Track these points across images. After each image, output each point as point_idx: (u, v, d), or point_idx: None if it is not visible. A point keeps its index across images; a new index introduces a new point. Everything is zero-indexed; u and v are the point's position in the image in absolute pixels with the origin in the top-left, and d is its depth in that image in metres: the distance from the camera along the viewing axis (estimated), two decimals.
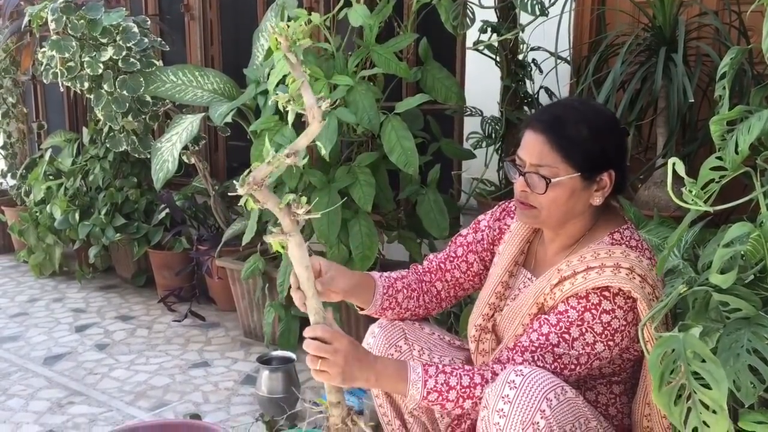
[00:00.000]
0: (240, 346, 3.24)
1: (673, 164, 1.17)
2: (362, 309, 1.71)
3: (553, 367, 1.42)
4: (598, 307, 1.42)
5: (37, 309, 3.80)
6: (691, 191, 1.20)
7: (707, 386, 1.05)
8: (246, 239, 2.85)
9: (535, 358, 1.43)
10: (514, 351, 1.46)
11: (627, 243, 1.49)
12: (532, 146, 1.48)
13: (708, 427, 1.05)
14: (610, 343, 1.43)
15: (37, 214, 4.25)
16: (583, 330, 1.42)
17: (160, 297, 3.80)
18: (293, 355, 2.51)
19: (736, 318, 1.15)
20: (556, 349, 1.43)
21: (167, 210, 3.87)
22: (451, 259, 1.77)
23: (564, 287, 1.46)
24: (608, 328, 1.42)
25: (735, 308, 1.15)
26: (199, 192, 3.90)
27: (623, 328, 1.42)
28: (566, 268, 1.48)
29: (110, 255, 4.22)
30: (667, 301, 1.22)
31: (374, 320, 1.81)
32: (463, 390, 1.42)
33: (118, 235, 3.89)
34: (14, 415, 2.54)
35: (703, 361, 1.06)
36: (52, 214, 4.08)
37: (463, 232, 1.79)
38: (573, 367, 1.44)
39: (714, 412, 1.05)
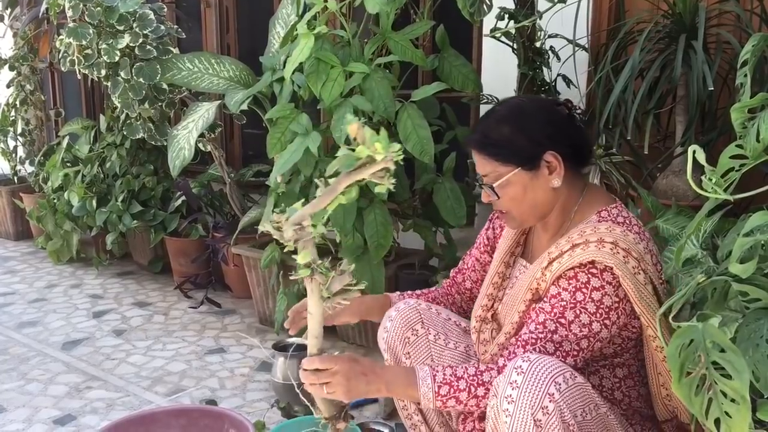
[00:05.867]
0: (255, 332, 3.25)
1: (693, 152, 1.16)
2: None
3: (555, 356, 1.43)
4: (587, 285, 1.43)
5: (55, 295, 3.84)
6: (711, 179, 1.19)
7: (728, 376, 1.04)
8: (262, 227, 2.85)
9: (537, 349, 1.43)
10: (516, 345, 1.47)
11: (614, 219, 1.50)
12: (475, 161, 1.57)
13: (730, 417, 1.04)
14: (606, 321, 1.44)
15: (55, 200, 4.29)
16: (578, 312, 1.43)
17: (176, 284, 3.83)
18: None
19: (756, 308, 1.14)
20: (554, 336, 1.44)
21: (183, 197, 3.89)
22: (462, 271, 1.90)
23: (553, 268, 1.48)
24: (601, 306, 1.43)
25: (754, 298, 1.14)
26: (215, 180, 3.92)
27: (616, 305, 1.43)
28: (555, 249, 1.50)
29: (127, 242, 4.25)
30: (685, 291, 1.21)
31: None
32: (471, 378, 1.44)
33: (134, 222, 3.92)
34: (33, 399, 2.58)
35: (723, 351, 1.05)
36: (69, 201, 4.11)
37: (474, 245, 1.90)
38: (576, 352, 1.44)
39: (736, 402, 1.04)
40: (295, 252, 1.32)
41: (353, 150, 1.19)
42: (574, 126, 1.55)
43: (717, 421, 1.06)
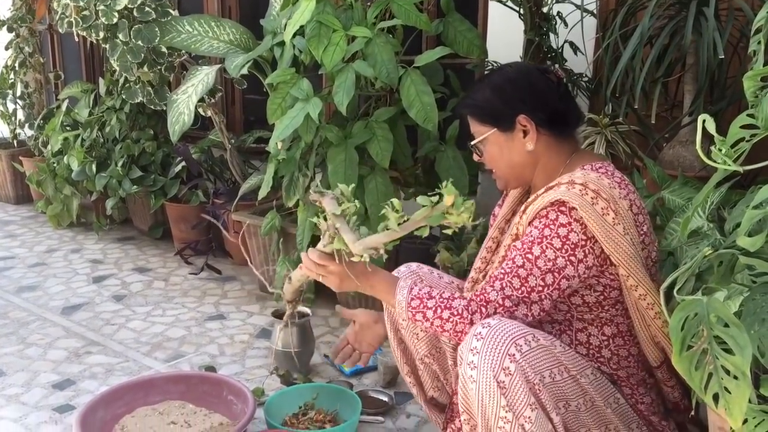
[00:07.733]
0: (255, 299, 3.25)
1: (703, 121, 1.12)
2: None
3: (520, 291, 1.45)
4: (555, 222, 1.46)
5: (55, 259, 3.84)
6: (720, 150, 1.16)
7: (730, 351, 1.02)
8: (262, 194, 2.83)
9: (504, 285, 1.46)
10: (487, 283, 1.49)
11: (595, 170, 1.52)
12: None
13: (729, 393, 1.02)
14: (572, 258, 1.45)
15: (55, 165, 4.26)
16: (544, 247, 1.45)
17: (176, 249, 3.82)
18: (308, 310, 2.51)
19: (763, 282, 1.12)
20: (521, 270, 1.46)
21: (184, 163, 3.86)
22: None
23: (528, 210, 1.52)
24: (567, 242, 1.44)
25: (762, 272, 1.12)
26: (216, 145, 3.88)
27: (583, 242, 1.45)
28: (533, 198, 1.54)
29: (127, 207, 4.23)
30: (691, 263, 1.19)
31: None
32: (441, 300, 1.48)
33: (134, 187, 3.89)
34: (32, 364, 2.58)
35: (726, 325, 1.03)
36: (69, 165, 4.08)
37: None
38: (541, 288, 1.45)
39: (735, 378, 1.02)
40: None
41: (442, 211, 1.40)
42: (556, 94, 1.58)
43: (716, 396, 1.05)
